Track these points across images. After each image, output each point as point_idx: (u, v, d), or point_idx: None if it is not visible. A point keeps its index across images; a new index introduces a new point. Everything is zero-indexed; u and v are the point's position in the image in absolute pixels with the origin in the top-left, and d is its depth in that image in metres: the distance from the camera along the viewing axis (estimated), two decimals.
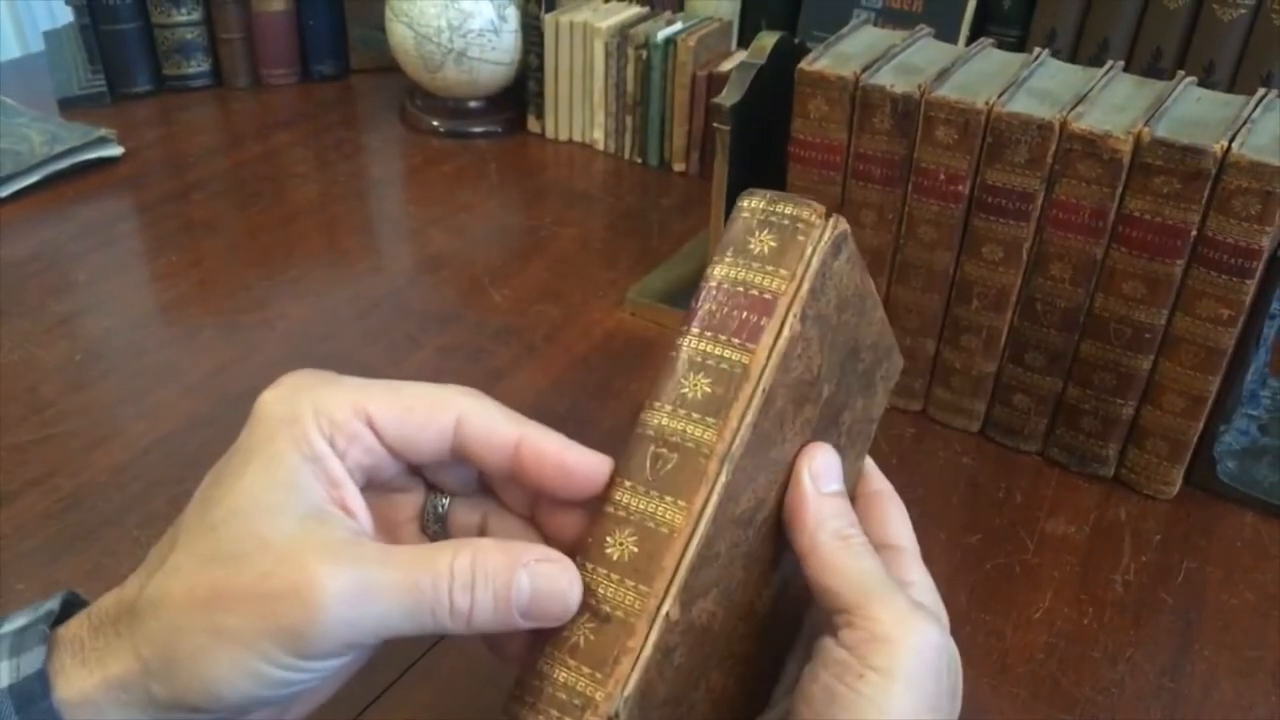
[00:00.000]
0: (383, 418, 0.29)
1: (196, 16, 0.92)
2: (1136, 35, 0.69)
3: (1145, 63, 0.69)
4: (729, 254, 0.29)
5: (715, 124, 0.57)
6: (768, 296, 0.28)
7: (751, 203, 0.30)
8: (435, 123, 0.89)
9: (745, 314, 0.29)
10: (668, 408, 0.28)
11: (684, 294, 0.66)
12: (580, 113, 0.86)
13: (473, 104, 0.88)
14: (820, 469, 0.31)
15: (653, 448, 0.28)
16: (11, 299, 0.65)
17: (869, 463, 0.35)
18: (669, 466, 0.28)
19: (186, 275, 0.69)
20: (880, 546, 0.33)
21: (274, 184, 0.81)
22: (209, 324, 0.64)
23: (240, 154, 0.85)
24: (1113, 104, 0.49)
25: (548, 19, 0.83)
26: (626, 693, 0.26)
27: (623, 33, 0.80)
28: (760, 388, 0.28)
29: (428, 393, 0.30)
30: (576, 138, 0.88)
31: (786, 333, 0.28)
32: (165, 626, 0.26)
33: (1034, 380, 0.53)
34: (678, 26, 0.80)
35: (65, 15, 0.95)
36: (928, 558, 0.48)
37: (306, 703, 0.30)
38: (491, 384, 0.58)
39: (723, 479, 0.27)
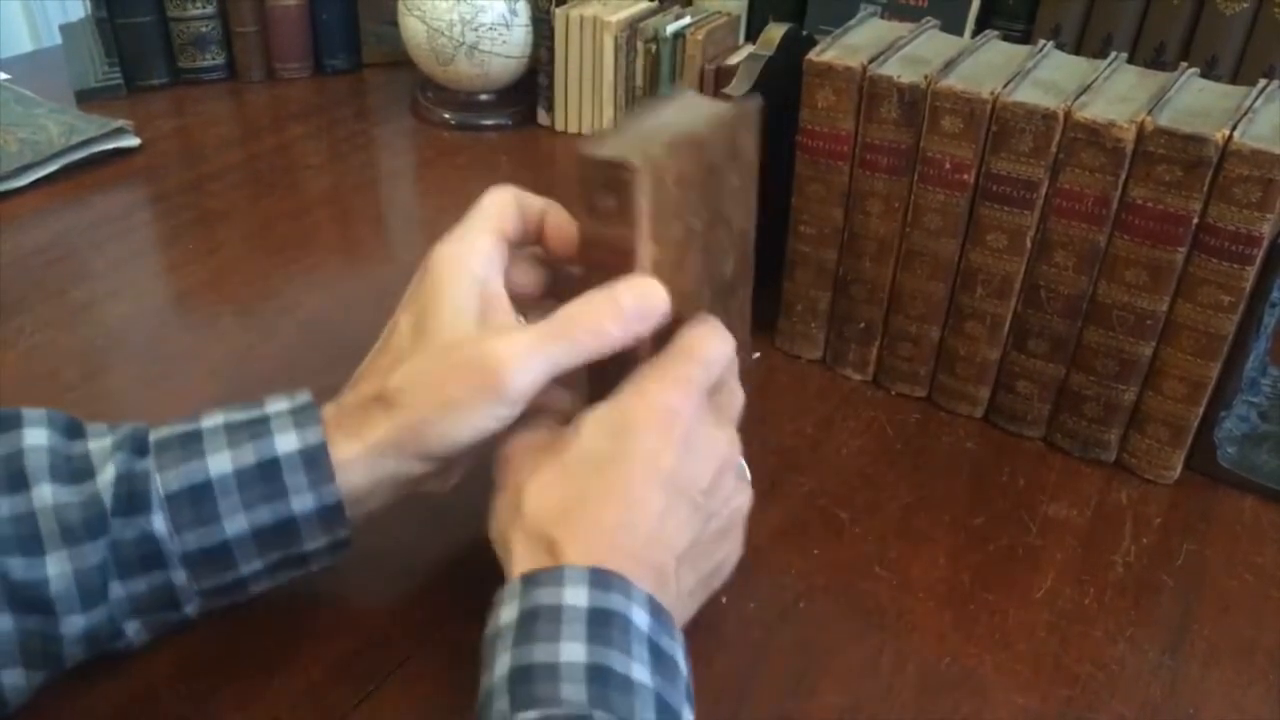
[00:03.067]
0: (510, 229, 0.43)
1: (211, 10, 0.93)
2: (1140, 30, 0.70)
3: (1148, 57, 0.70)
4: None
5: None
6: None
7: None
8: (446, 115, 0.90)
9: None
10: None
11: None
12: (590, 106, 0.87)
13: (484, 97, 0.89)
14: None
15: None
16: (32, 285, 0.66)
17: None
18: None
19: (203, 264, 0.70)
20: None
21: (288, 175, 0.82)
22: (226, 311, 0.65)
23: (255, 146, 0.86)
24: (1116, 94, 0.50)
25: (558, 13, 0.84)
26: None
27: (632, 27, 0.81)
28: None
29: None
30: (586, 130, 0.89)
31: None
32: (412, 405, 0.39)
33: (1037, 367, 0.54)
34: (686, 20, 0.81)
35: (77, 10, 0.96)
36: (931, 540, 0.49)
37: (461, 468, 0.43)
38: None
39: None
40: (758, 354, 0.62)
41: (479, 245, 0.42)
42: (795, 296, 0.60)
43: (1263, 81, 0.51)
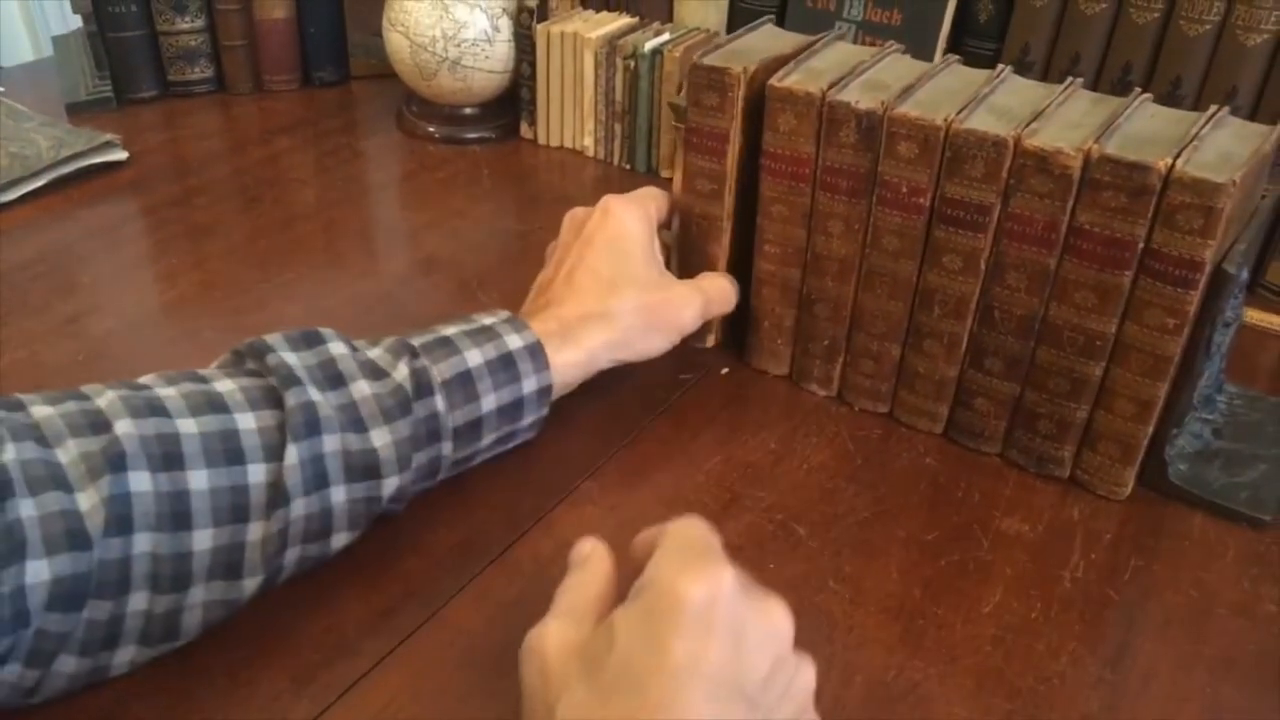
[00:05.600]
0: (659, 210, 0.60)
1: (200, 24, 0.94)
2: (1107, 50, 0.71)
3: (1115, 77, 0.71)
4: None
5: (675, 123, 0.60)
6: None
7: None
8: (431, 129, 0.91)
9: None
10: None
11: None
12: (571, 120, 0.89)
13: (467, 111, 0.91)
14: None
15: None
16: (17, 300, 0.67)
17: None
18: None
19: (188, 277, 0.71)
20: None
21: (274, 189, 0.83)
22: (209, 325, 0.66)
23: (242, 159, 0.88)
24: (1068, 121, 0.51)
25: (539, 29, 0.85)
26: None
27: (611, 43, 0.83)
28: None
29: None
30: (567, 144, 0.90)
31: None
32: (629, 324, 0.54)
33: (993, 385, 0.55)
34: (665, 37, 0.83)
35: (76, 20, 0.97)
36: (886, 554, 0.51)
37: None
38: None
39: None
40: (726, 369, 0.63)
41: (650, 213, 0.58)
42: (762, 313, 0.61)
43: (1213, 107, 0.52)
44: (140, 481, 0.39)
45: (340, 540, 0.45)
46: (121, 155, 0.84)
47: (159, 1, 0.92)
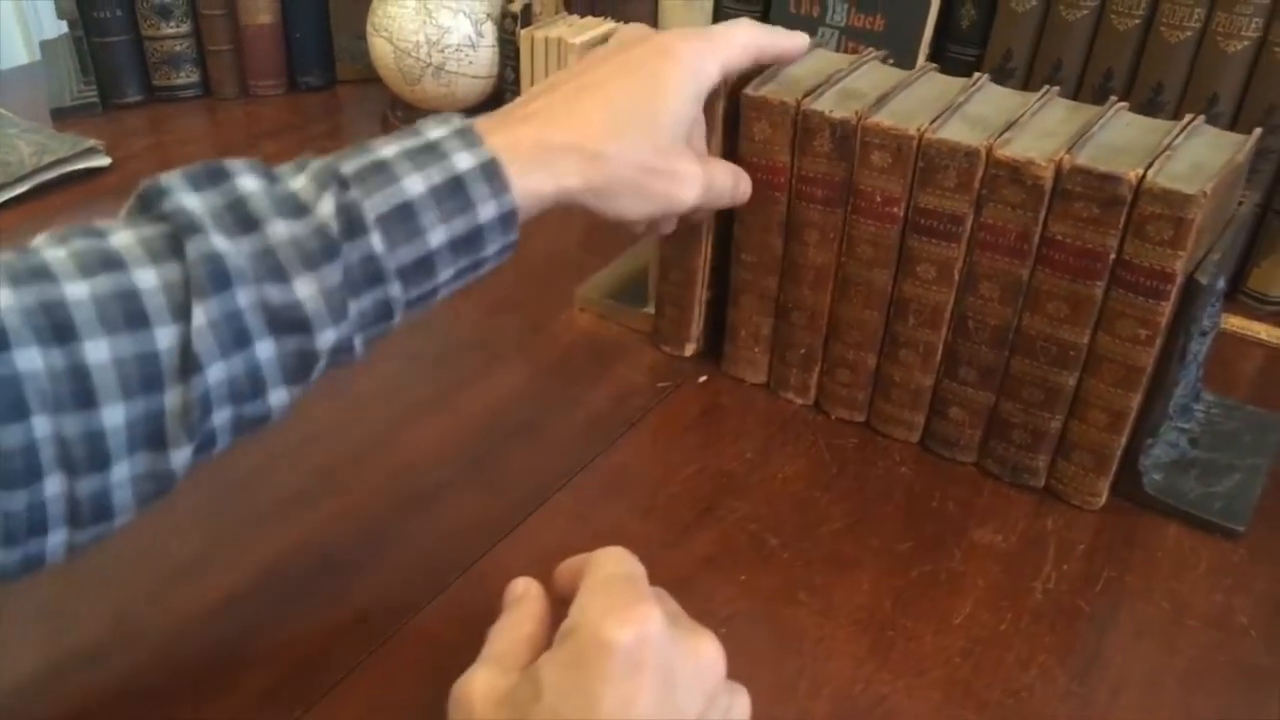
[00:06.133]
0: (736, 67, 0.53)
1: (186, 29, 0.94)
2: (1088, 56, 0.71)
3: (1097, 83, 0.71)
4: None
5: None
6: None
7: None
8: None
9: None
10: None
11: (631, 290, 0.69)
12: None
13: None
14: None
15: None
16: None
17: None
18: None
19: None
20: None
21: None
22: None
23: None
24: (1043, 130, 0.51)
25: (523, 34, 0.85)
26: None
27: (594, 49, 0.83)
28: None
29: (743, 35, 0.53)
30: None
31: None
32: (615, 175, 0.47)
33: (968, 394, 0.55)
34: None
35: (65, 25, 0.97)
36: (858, 565, 0.50)
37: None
38: (458, 390, 0.61)
39: None
40: (703, 378, 0.63)
41: (713, 71, 0.50)
42: (739, 322, 0.61)
43: (1189, 116, 0.52)
44: (29, 360, 0.34)
45: (279, 397, 0.40)
46: (104, 161, 0.84)
47: (144, 6, 0.92)
